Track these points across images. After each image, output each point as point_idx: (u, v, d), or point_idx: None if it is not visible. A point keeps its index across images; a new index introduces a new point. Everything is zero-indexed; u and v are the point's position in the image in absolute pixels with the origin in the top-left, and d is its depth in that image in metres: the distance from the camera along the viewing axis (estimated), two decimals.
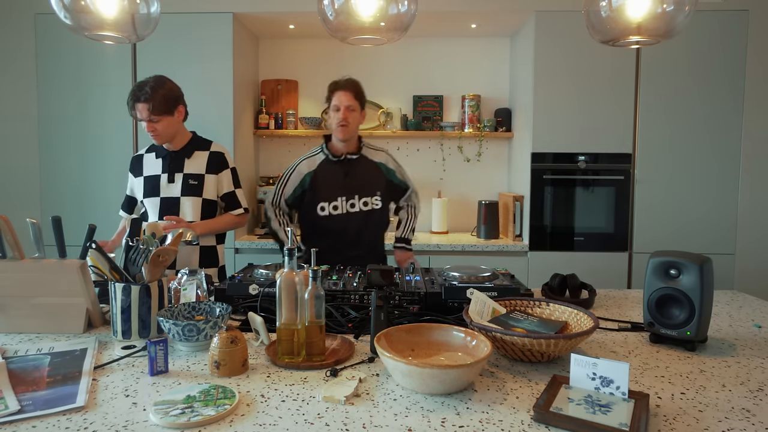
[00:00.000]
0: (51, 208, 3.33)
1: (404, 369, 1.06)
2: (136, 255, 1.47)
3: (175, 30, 3.22)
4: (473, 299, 1.43)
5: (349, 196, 2.32)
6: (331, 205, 2.32)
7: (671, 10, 1.54)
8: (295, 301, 1.26)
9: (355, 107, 2.26)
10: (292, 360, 1.25)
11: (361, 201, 2.33)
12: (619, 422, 0.94)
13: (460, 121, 3.73)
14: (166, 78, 2.19)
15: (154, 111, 2.11)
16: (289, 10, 3.23)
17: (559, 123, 3.23)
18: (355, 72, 3.82)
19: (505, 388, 1.13)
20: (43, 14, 3.25)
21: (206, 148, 2.30)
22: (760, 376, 1.22)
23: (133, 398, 1.07)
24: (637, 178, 3.25)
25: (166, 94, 2.14)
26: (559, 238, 3.28)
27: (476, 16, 3.34)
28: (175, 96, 2.18)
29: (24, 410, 1.00)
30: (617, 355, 1.34)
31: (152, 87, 2.11)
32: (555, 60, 3.21)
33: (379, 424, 0.97)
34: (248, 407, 1.03)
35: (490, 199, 3.70)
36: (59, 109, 3.30)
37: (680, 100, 3.20)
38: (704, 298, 1.35)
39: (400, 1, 1.60)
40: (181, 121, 2.23)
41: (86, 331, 1.50)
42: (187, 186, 2.22)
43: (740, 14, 3.16)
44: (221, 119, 3.20)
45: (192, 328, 1.31)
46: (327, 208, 2.32)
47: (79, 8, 1.52)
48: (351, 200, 2.32)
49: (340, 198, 2.32)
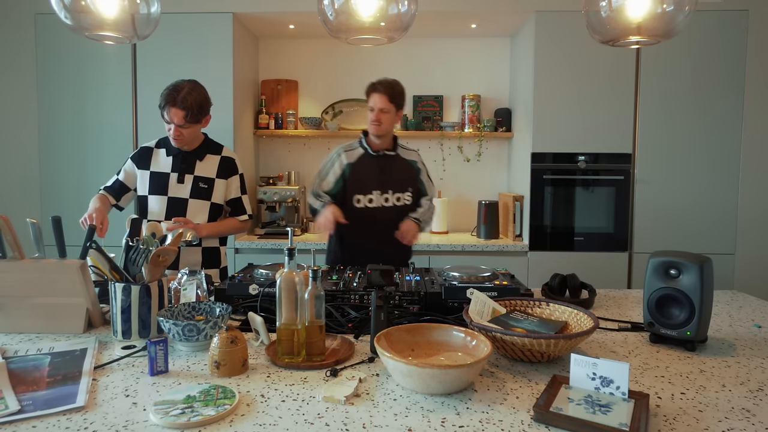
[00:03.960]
0: (51, 208, 3.33)
1: (404, 369, 1.06)
2: (136, 255, 1.47)
3: (175, 30, 3.22)
4: (473, 299, 1.43)
5: (383, 190, 2.41)
6: (367, 197, 2.40)
7: (671, 10, 1.54)
8: (295, 301, 1.26)
9: (388, 109, 2.34)
10: (292, 360, 1.25)
11: (394, 196, 2.42)
12: (619, 422, 0.94)
13: (460, 121, 3.73)
14: (200, 85, 2.18)
15: (188, 119, 2.10)
16: (289, 10, 3.23)
17: (559, 123, 3.23)
18: (355, 72, 3.86)
19: (505, 388, 1.13)
20: (43, 14, 3.25)
21: (218, 152, 2.30)
22: (760, 376, 1.22)
23: (133, 398, 1.07)
24: (637, 178, 3.25)
25: (202, 102, 2.14)
26: (559, 238, 3.28)
27: (476, 16, 3.34)
28: (207, 105, 2.19)
29: (24, 410, 1.00)
30: (617, 355, 1.34)
31: (190, 94, 2.10)
32: (555, 60, 3.21)
33: (379, 424, 0.97)
34: (248, 407, 1.03)
35: (490, 199, 3.70)
36: (59, 109, 3.30)
37: (680, 99, 3.20)
38: (704, 298, 1.35)
39: (400, 1, 1.60)
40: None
41: (86, 331, 1.50)
42: (197, 189, 2.22)
43: (740, 14, 3.16)
44: (221, 119, 3.20)
45: (192, 328, 1.31)
46: (363, 200, 2.40)
47: (79, 8, 1.52)
48: (385, 194, 2.41)
49: (375, 192, 2.40)
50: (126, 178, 2.26)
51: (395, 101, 2.36)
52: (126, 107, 3.29)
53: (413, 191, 2.48)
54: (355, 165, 2.42)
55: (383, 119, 2.34)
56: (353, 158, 2.43)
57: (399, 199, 2.44)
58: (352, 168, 2.41)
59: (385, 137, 2.41)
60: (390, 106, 2.34)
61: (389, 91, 2.34)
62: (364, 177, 2.41)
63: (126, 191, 2.26)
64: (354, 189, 2.41)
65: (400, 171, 2.46)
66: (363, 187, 2.41)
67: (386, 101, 2.33)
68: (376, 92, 2.35)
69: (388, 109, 2.34)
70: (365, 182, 2.41)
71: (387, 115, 2.34)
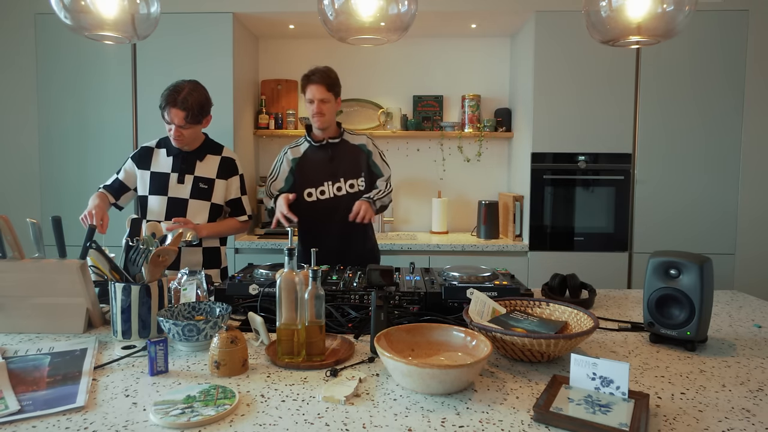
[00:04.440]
0: (51, 208, 3.33)
1: (404, 369, 1.06)
2: (136, 255, 1.47)
3: (175, 30, 3.22)
4: (473, 299, 1.43)
5: (334, 180, 2.37)
6: (318, 189, 2.37)
7: (671, 10, 1.54)
8: (295, 301, 1.26)
9: (328, 99, 2.31)
10: (292, 360, 1.25)
11: (347, 183, 2.38)
12: (619, 422, 0.94)
13: (460, 121, 3.73)
14: (201, 85, 2.18)
15: (188, 120, 2.10)
16: (289, 10, 3.23)
17: (559, 123, 3.23)
18: (355, 72, 3.86)
19: (505, 388, 1.13)
20: (43, 14, 3.25)
21: (218, 152, 2.30)
22: (760, 376, 1.22)
23: (133, 398, 1.07)
24: (637, 178, 3.25)
25: (202, 103, 2.14)
26: (559, 238, 3.28)
27: (476, 16, 3.34)
28: (208, 106, 2.19)
29: (24, 410, 1.00)
30: (617, 355, 1.34)
31: (190, 95, 2.10)
32: (555, 60, 3.21)
33: (379, 424, 0.97)
34: (248, 407, 1.03)
35: (490, 199, 3.70)
36: (59, 109, 3.30)
37: (680, 100, 3.20)
38: (704, 298, 1.35)
39: (400, 1, 1.60)
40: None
41: (86, 331, 1.50)
42: (198, 189, 2.22)
43: (740, 14, 3.16)
44: (221, 119, 3.20)
45: (192, 328, 1.31)
46: (314, 193, 2.37)
47: (79, 8, 1.52)
48: (337, 183, 2.37)
49: (326, 182, 2.37)
50: (126, 177, 2.26)
51: (333, 89, 2.32)
52: (126, 107, 3.29)
53: (366, 175, 2.43)
54: (302, 159, 2.40)
55: (325, 109, 2.31)
56: (299, 153, 2.41)
57: (352, 186, 2.39)
58: (299, 163, 2.40)
59: (329, 127, 2.39)
60: (329, 95, 2.31)
61: (326, 80, 2.30)
62: (312, 169, 2.39)
63: (125, 191, 2.26)
64: (304, 183, 2.38)
65: (348, 157, 2.42)
66: (312, 180, 2.38)
67: (324, 91, 2.29)
68: (313, 83, 2.30)
69: (328, 98, 2.31)
70: (314, 174, 2.38)
71: (328, 105, 2.31)
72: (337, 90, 2.35)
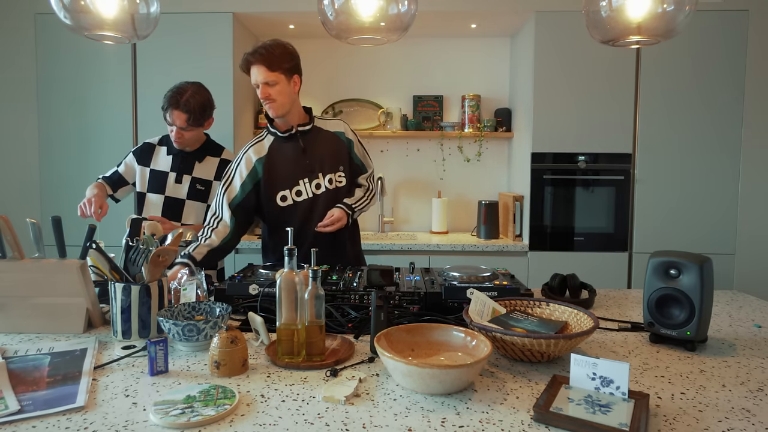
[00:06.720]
0: (51, 208, 3.33)
1: (404, 369, 1.06)
2: (136, 255, 1.47)
3: (175, 30, 3.22)
4: (473, 299, 1.43)
5: (311, 176, 2.01)
6: (294, 191, 2.01)
7: (671, 10, 1.54)
8: (295, 301, 1.26)
9: (274, 80, 1.90)
10: (292, 360, 1.25)
11: (326, 179, 2.02)
12: (619, 422, 0.94)
13: (460, 121, 3.73)
14: (204, 87, 2.17)
15: (190, 122, 2.09)
16: (289, 10, 3.23)
17: (559, 123, 3.23)
18: (355, 72, 3.86)
19: (505, 388, 1.13)
20: (43, 14, 3.25)
21: (218, 154, 2.29)
22: (760, 376, 1.21)
23: (133, 398, 1.07)
24: (637, 178, 3.25)
25: (205, 105, 2.13)
26: (559, 238, 3.28)
27: (476, 16, 3.34)
28: (211, 108, 2.18)
29: (24, 410, 1.00)
30: (617, 355, 1.34)
31: (193, 97, 2.09)
32: (555, 60, 3.21)
33: (379, 424, 0.97)
34: (248, 407, 1.03)
35: (490, 199, 3.70)
36: (59, 109, 3.29)
37: (680, 100, 3.20)
38: (704, 298, 1.35)
39: (400, 1, 1.60)
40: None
41: (86, 331, 1.50)
42: (194, 190, 2.22)
43: (740, 14, 3.16)
44: (221, 119, 3.20)
45: (192, 328, 1.31)
46: (289, 195, 2.01)
47: (79, 8, 1.52)
48: (315, 180, 2.01)
49: (302, 181, 2.00)
50: (126, 171, 2.27)
51: (279, 68, 1.90)
52: (126, 107, 3.28)
53: (346, 169, 2.07)
54: (268, 158, 2.01)
55: (273, 93, 1.91)
56: (263, 152, 2.02)
57: (331, 182, 2.03)
58: (265, 163, 2.00)
59: (291, 113, 1.99)
60: (274, 75, 1.90)
61: (267, 60, 1.88)
62: (283, 167, 2.00)
63: (123, 184, 2.27)
64: (275, 186, 2.00)
65: (325, 147, 2.04)
66: (285, 180, 1.99)
67: (266, 71, 1.88)
68: (252, 65, 1.90)
69: (274, 79, 1.90)
70: (286, 172, 2.00)
71: (276, 88, 1.91)
72: (285, 67, 1.92)
